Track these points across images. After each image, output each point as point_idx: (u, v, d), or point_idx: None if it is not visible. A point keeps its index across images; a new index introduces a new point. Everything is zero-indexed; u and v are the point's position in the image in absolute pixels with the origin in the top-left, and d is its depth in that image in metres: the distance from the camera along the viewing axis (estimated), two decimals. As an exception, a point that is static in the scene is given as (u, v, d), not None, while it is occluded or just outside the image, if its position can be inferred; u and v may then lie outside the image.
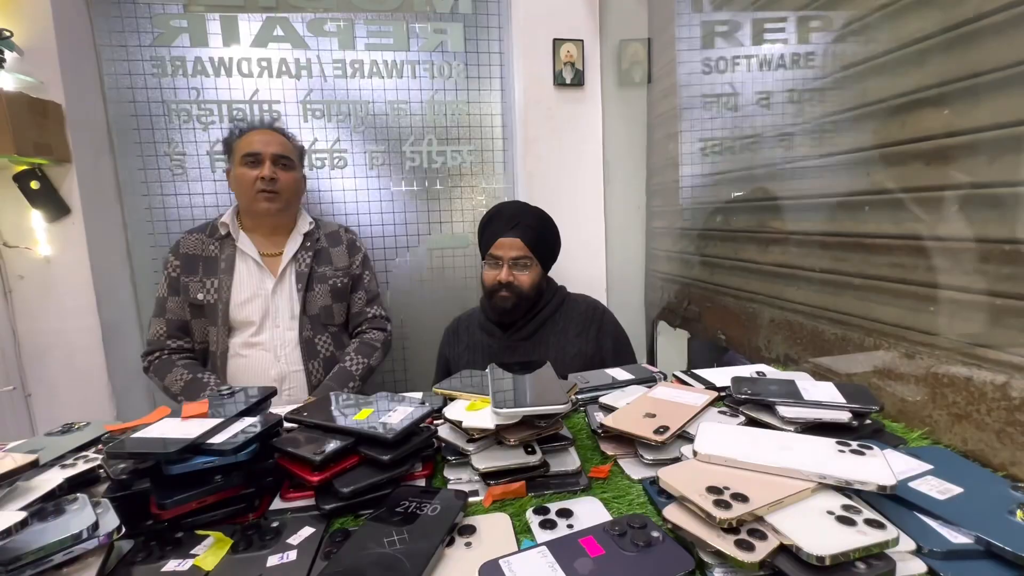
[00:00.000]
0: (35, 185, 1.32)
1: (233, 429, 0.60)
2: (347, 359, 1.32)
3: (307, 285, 1.30)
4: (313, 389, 1.29)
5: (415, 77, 1.65)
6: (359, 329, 1.41)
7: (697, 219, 1.47)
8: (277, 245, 1.32)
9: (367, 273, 1.42)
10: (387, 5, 1.59)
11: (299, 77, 1.58)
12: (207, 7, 1.50)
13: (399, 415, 0.64)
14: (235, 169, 1.27)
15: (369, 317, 1.41)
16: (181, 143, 1.55)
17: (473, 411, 0.67)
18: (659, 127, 1.69)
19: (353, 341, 1.38)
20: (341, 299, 1.36)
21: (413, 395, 0.85)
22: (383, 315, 1.43)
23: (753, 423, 0.69)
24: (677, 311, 1.59)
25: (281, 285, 1.30)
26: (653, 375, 0.93)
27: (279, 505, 0.60)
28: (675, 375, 0.92)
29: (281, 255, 1.31)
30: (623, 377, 0.92)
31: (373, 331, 1.40)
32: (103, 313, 1.43)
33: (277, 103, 1.58)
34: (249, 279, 1.28)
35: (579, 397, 0.86)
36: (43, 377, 1.41)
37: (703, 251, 1.44)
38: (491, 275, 1.19)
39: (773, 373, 0.88)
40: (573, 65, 1.62)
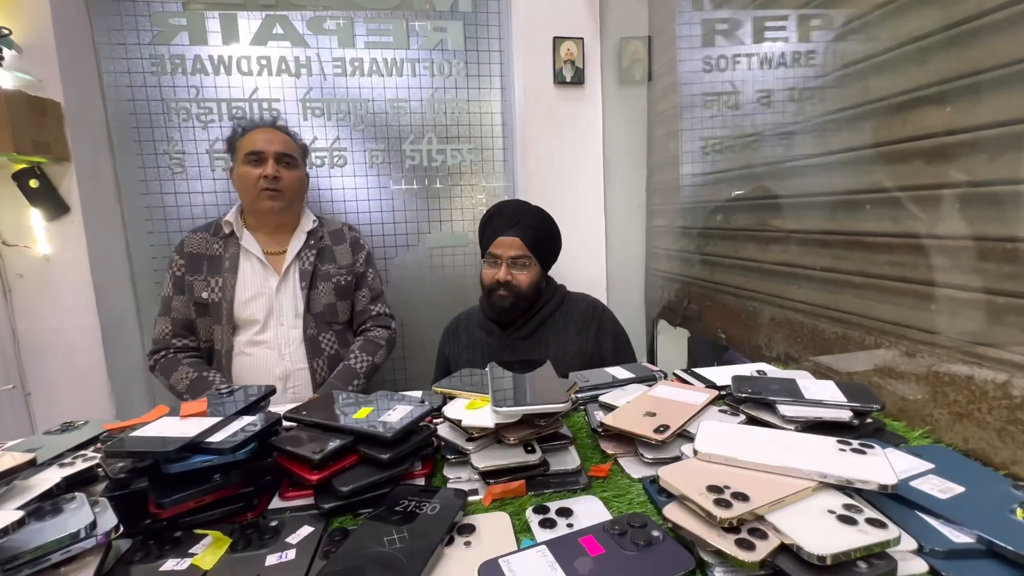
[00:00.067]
0: (34, 183, 1.32)
1: (232, 428, 0.60)
2: (351, 357, 1.31)
3: (311, 283, 1.30)
4: (317, 387, 1.29)
5: (415, 75, 1.65)
6: (363, 327, 1.40)
7: (697, 217, 1.47)
8: (281, 243, 1.32)
9: (371, 271, 1.42)
10: (387, 3, 1.58)
11: (298, 75, 1.58)
12: (206, 5, 1.50)
13: (398, 414, 0.64)
14: (238, 168, 1.27)
15: (373, 315, 1.41)
16: (180, 141, 1.55)
17: (473, 410, 0.67)
18: (659, 125, 1.69)
19: (357, 339, 1.38)
20: (345, 297, 1.36)
21: (412, 394, 0.85)
22: (387, 313, 1.43)
23: (754, 422, 0.69)
24: (677, 310, 1.59)
25: (285, 283, 1.30)
26: (653, 374, 0.93)
27: (278, 504, 0.59)
28: (675, 374, 0.91)
29: (285, 253, 1.31)
30: (623, 376, 0.92)
31: (377, 329, 1.40)
32: (102, 312, 1.43)
33: (277, 101, 1.58)
34: (253, 277, 1.28)
35: (579, 396, 0.86)
36: (42, 376, 1.41)
37: (703, 250, 1.44)
38: (490, 274, 1.19)
39: (774, 372, 0.88)
40: (573, 63, 1.62)
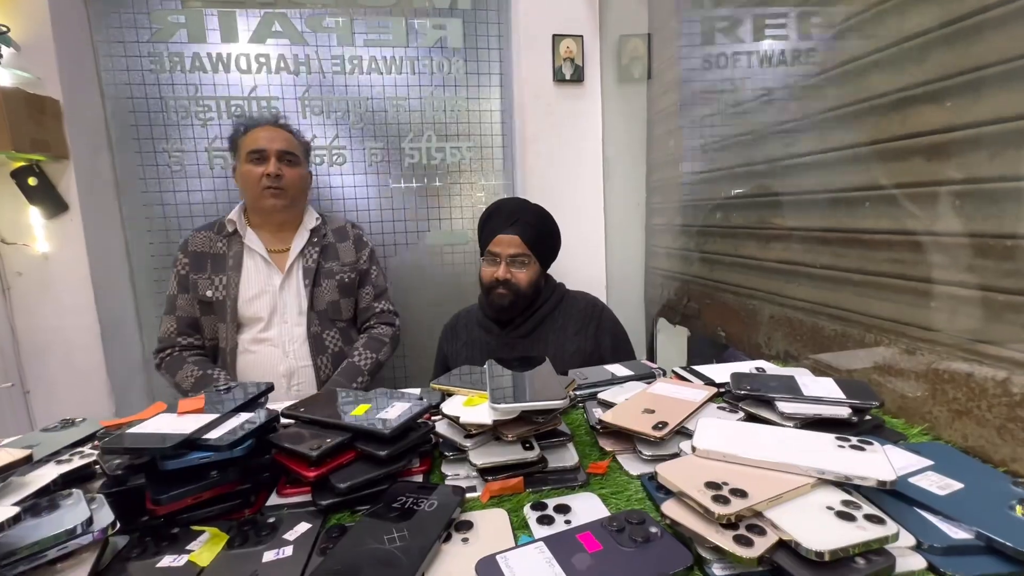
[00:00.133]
0: (33, 181, 1.32)
1: (229, 425, 0.60)
2: (355, 354, 1.31)
3: (314, 281, 1.30)
4: (322, 384, 1.29)
5: (414, 73, 1.65)
6: (367, 324, 1.40)
7: (697, 215, 1.47)
8: (284, 241, 1.32)
9: (374, 268, 1.42)
10: (386, 1, 1.58)
11: (297, 73, 1.58)
12: (205, 3, 1.50)
13: (396, 411, 0.63)
14: (241, 166, 1.27)
15: (377, 312, 1.40)
16: (179, 139, 1.54)
17: (471, 407, 0.67)
18: (659, 123, 1.68)
19: (361, 336, 1.38)
20: (348, 294, 1.36)
21: (411, 391, 0.85)
22: (391, 310, 1.43)
23: (752, 419, 0.69)
24: (677, 308, 1.59)
25: (288, 281, 1.30)
26: (652, 371, 0.93)
27: (275, 501, 0.59)
28: (674, 371, 0.91)
29: (288, 251, 1.31)
30: (622, 373, 0.92)
31: (381, 326, 1.40)
32: (101, 310, 1.43)
33: (275, 99, 1.57)
34: (257, 275, 1.28)
35: (578, 393, 0.86)
36: (42, 374, 1.41)
37: (703, 248, 1.44)
38: (489, 272, 1.18)
39: (773, 369, 0.88)
40: (573, 61, 1.61)
